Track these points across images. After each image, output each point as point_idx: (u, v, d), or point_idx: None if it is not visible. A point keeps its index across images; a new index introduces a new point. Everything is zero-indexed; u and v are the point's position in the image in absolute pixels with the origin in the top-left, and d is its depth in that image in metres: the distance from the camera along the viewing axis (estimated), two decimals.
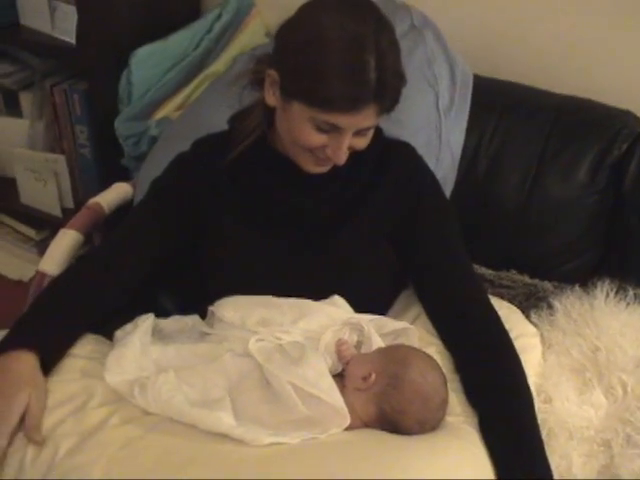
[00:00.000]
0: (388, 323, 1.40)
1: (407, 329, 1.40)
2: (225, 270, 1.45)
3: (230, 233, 1.45)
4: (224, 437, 1.16)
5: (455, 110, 1.70)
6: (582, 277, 1.64)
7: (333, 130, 1.27)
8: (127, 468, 1.12)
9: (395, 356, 1.30)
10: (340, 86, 1.21)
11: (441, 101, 1.69)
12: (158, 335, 1.42)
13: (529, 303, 1.60)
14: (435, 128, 1.69)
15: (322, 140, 1.29)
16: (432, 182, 1.51)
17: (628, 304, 1.54)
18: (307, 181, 1.40)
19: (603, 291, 1.55)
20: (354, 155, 1.35)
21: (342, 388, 1.26)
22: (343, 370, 1.32)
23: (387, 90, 1.24)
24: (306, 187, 1.42)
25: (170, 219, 1.47)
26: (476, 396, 1.33)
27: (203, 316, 1.45)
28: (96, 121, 2.10)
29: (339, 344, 1.33)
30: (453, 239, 1.47)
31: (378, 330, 1.38)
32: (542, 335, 1.52)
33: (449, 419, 1.30)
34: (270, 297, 1.39)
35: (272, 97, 1.33)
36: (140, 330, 1.36)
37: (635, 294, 1.54)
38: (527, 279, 1.67)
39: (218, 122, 1.51)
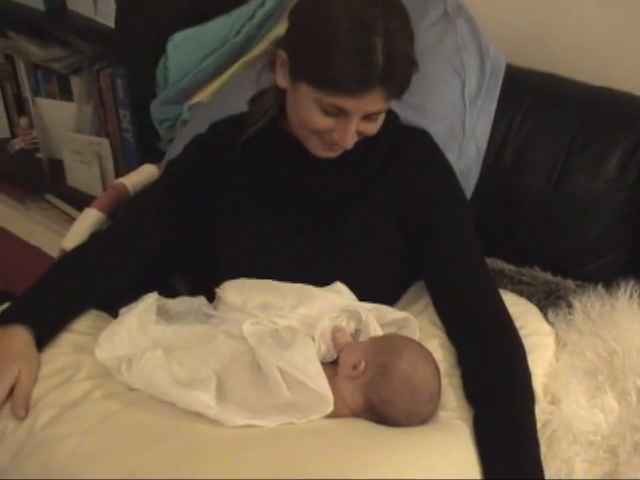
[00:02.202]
0: (389, 313, 1.37)
1: (408, 320, 1.36)
2: (234, 252, 1.45)
3: (240, 215, 1.45)
4: (202, 417, 1.16)
5: (482, 100, 1.65)
6: (606, 277, 1.56)
7: (340, 114, 1.26)
8: (99, 442, 1.12)
9: (387, 345, 1.27)
10: (345, 67, 1.19)
11: (467, 90, 1.64)
12: (164, 315, 1.43)
13: (548, 301, 1.54)
14: (459, 117, 1.64)
15: (329, 124, 1.28)
16: (447, 171, 1.47)
17: None
18: (317, 164, 1.39)
19: (627, 292, 1.47)
20: (366, 140, 1.34)
21: (334, 375, 1.25)
22: (338, 358, 1.30)
23: (395, 74, 1.22)
24: (316, 170, 1.41)
25: (182, 200, 1.48)
26: (473, 392, 1.29)
27: (212, 299, 1.45)
28: (136, 105, 2.12)
29: (335, 331, 1.31)
30: (465, 231, 1.43)
31: (379, 319, 1.35)
32: (557, 335, 1.46)
33: (442, 414, 1.27)
34: (273, 281, 1.39)
35: (282, 79, 1.33)
36: (140, 308, 1.36)
37: None
38: (549, 276, 1.60)
39: (241, 105, 1.50)
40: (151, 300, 1.40)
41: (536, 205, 1.65)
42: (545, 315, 1.49)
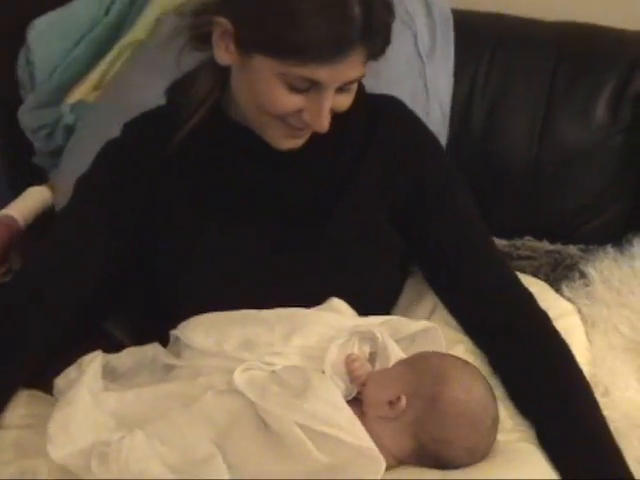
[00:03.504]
0: (404, 324, 1.13)
1: (428, 330, 1.13)
2: (188, 279, 1.18)
3: (195, 232, 1.19)
4: None
5: (439, 52, 1.45)
6: (613, 235, 1.40)
7: (311, 88, 1.04)
8: None
9: (427, 370, 1.03)
10: (318, 27, 0.99)
11: (420, 42, 1.45)
12: (111, 376, 1.16)
13: (557, 274, 1.36)
14: (419, 75, 1.45)
15: (297, 103, 1.05)
16: (433, 143, 1.28)
17: None
18: (283, 159, 1.15)
19: None
20: (336, 120, 1.10)
21: (361, 417, 1.00)
22: (359, 393, 1.06)
23: (376, 27, 1.03)
24: (281, 164, 1.16)
25: (108, 227, 1.20)
26: (527, 402, 1.10)
27: (165, 344, 1.18)
28: None
29: (349, 361, 1.06)
30: (469, 212, 1.24)
31: (392, 335, 1.11)
32: (581, 311, 1.28)
33: (500, 438, 1.06)
34: (250, 311, 1.13)
35: (225, 53, 1.09)
36: (88, 375, 1.09)
37: None
38: (548, 245, 1.41)
39: (152, 98, 1.27)
40: (97, 363, 1.12)
41: (519, 167, 1.48)
42: (558, 291, 1.31)
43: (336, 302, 1.14)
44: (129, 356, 1.18)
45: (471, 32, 1.51)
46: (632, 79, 1.44)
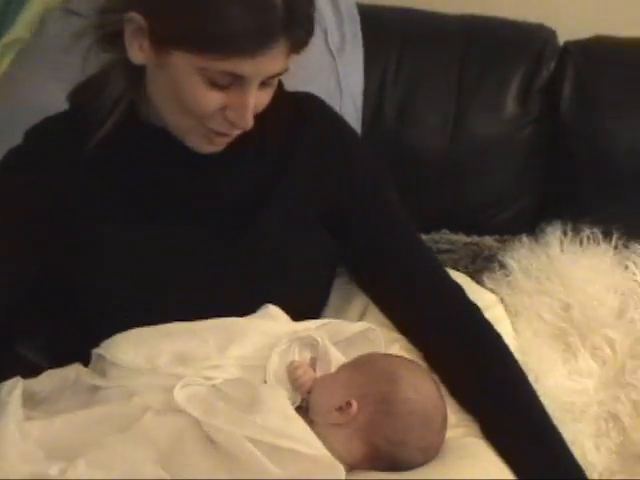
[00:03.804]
0: (342, 327, 1.10)
1: (367, 331, 1.10)
2: (108, 293, 1.10)
3: (108, 239, 1.10)
4: None
5: (348, 48, 1.42)
6: (525, 225, 1.44)
7: (233, 83, 0.98)
8: None
9: (374, 372, 1.01)
10: (239, 17, 0.93)
11: (330, 38, 1.43)
12: (30, 403, 1.06)
13: (477, 266, 1.37)
14: (332, 72, 1.42)
15: (219, 100, 1.00)
16: (358, 142, 1.26)
17: (582, 245, 1.34)
18: (202, 159, 1.09)
19: (556, 237, 1.34)
20: (258, 118, 1.05)
21: (310, 426, 0.96)
22: (303, 401, 1.02)
23: (298, 17, 0.98)
24: (202, 167, 1.10)
25: (16, 244, 1.10)
26: (469, 396, 1.09)
27: (85, 363, 1.09)
28: None
29: (292, 369, 1.03)
30: (397, 209, 1.22)
31: (331, 339, 1.08)
32: (503, 301, 1.30)
33: (447, 434, 1.03)
34: (179, 324, 1.06)
35: (139, 52, 1.02)
36: (11, 406, 0.99)
37: (592, 233, 1.33)
38: (465, 238, 1.43)
39: (51, 102, 1.20)
40: (19, 391, 1.02)
41: (432, 161, 1.48)
42: (480, 282, 1.32)
43: (271, 309, 1.08)
44: (49, 379, 1.08)
45: (377, 27, 1.49)
46: (539, 71, 1.47)
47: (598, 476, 1.12)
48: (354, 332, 1.09)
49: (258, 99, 1.01)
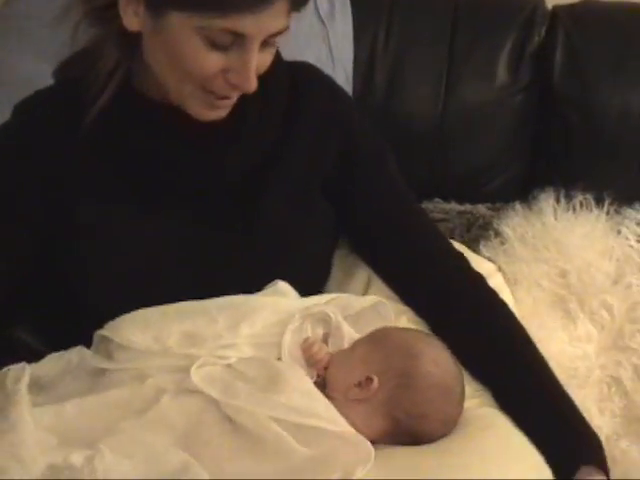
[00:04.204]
0: (352, 302, 1.09)
1: (377, 305, 1.09)
2: (108, 275, 1.07)
3: (109, 218, 1.07)
4: None
5: (338, 16, 1.39)
6: (517, 192, 1.44)
7: (235, 43, 0.95)
8: None
9: (392, 347, 1.00)
10: None
11: (320, 5, 1.39)
12: (34, 388, 1.01)
13: (472, 234, 1.37)
14: (323, 40, 1.40)
15: (220, 62, 0.97)
16: (357, 110, 1.22)
17: (575, 211, 1.35)
18: (203, 133, 1.05)
19: (549, 204, 1.34)
20: (257, 88, 1.01)
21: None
22: (318, 377, 1.01)
23: None
24: (203, 141, 1.06)
25: (12, 226, 1.08)
26: (480, 365, 1.09)
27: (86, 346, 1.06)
28: None
29: (307, 345, 1.01)
30: (398, 178, 1.20)
31: (341, 314, 1.07)
32: (501, 269, 1.30)
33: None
34: (185, 303, 1.04)
35: (134, 19, 0.98)
36: (22, 394, 0.95)
37: (584, 199, 1.34)
38: (458, 206, 1.42)
39: (39, 74, 1.16)
40: (26, 377, 0.98)
41: (424, 129, 1.47)
42: (476, 251, 1.32)
43: (280, 285, 1.07)
44: (52, 363, 1.04)
45: None
46: (529, 38, 1.46)
47: (605, 440, 1.13)
48: (364, 306, 1.09)
49: (259, 60, 0.98)
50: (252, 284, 1.06)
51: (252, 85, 0.98)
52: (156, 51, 1.00)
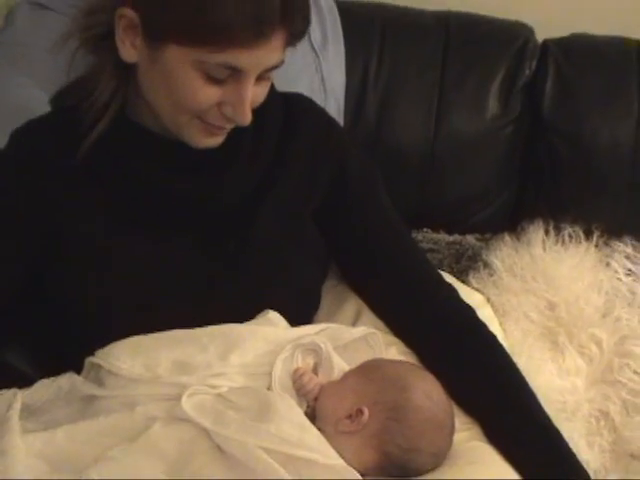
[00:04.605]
0: (343, 332, 1.09)
1: (367, 335, 1.09)
2: (102, 300, 1.07)
3: (103, 246, 1.07)
4: None
5: (331, 46, 1.41)
6: (505, 223, 1.45)
7: (231, 77, 0.96)
8: None
9: (384, 379, 1.00)
10: (236, 6, 0.91)
11: (313, 35, 1.40)
12: (25, 412, 1.02)
13: (461, 265, 1.37)
14: (316, 71, 1.40)
15: (216, 94, 0.98)
16: (350, 141, 1.23)
17: (564, 244, 1.36)
18: (197, 162, 1.06)
19: (538, 236, 1.35)
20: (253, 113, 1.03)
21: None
22: (308, 407, 1.01)
23: (295, 6, 0.96)
24: (197, 169, 1.07)
25: (5, 251, 1.08)
26: (469, 399, 1.09)
27: (75, 372, 1.06)
28: None
29: (298, 376, 1.01)
30: (389, 208, 1.21)
31: (332, 344, 1.06)
32: (490, 301, 1.31)
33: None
34: (177, 331, 1.04)
35: (131, 49, 0.99)
36: (14, 420, 0.96)
37: (573, 231, 1.35)
38: (447, 237, 1.43)
39: (35, 101, 1.20)
40: (18, 404, 0.99)
41: (414, 158, 1.47)
42: (466, 282, 1.33)
43: (271, 314, 1.07)
44: (44, 389, 1.05)
45: (357, 24, 1.48)
46: (520, 70, 1.47)
47: (593, 475, 1.13)
48: (355, 337, 1.08)
49: (254, 94, 0.99)
50: (245, 311, 1.07)
51: (247, 119, 0.99)
52: (152, 82, 1.00)
